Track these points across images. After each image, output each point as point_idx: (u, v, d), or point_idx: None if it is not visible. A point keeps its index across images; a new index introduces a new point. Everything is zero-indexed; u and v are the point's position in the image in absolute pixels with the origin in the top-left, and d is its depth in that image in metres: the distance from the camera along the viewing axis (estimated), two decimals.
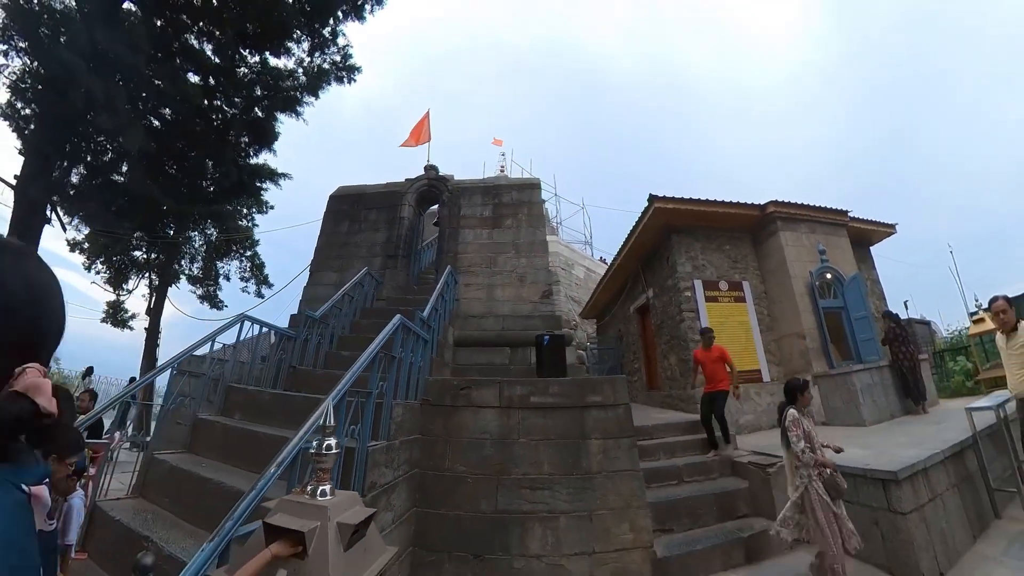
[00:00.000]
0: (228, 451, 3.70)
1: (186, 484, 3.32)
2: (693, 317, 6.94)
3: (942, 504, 3.77)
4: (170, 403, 4.21)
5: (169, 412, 4.24)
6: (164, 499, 3.39)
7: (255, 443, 3.52)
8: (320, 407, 2.47)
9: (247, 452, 3.48)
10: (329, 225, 8.33)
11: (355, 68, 10.47)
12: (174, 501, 3.32)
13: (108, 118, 7.85)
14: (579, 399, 4.29)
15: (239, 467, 3.44)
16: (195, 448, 4.00)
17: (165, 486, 3.49)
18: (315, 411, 3.11)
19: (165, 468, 3.57)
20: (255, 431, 3.71)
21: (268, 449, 2.92)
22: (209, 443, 3.94)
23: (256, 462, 3.00)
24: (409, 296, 7.12)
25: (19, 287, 0.58)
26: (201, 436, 4.05)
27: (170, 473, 3.51)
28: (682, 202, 7.27)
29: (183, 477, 3.39)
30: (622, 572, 3.73)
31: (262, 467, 2.74)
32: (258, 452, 3.20)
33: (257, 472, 2.69)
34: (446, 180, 8.20)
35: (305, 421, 2.47)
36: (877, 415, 5.76)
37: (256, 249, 14.87)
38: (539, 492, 3.93)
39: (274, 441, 3.07)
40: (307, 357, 5.51)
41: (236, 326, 4.72)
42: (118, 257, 12.82)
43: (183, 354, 4.19)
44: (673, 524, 4.29)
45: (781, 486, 4.38)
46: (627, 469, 4.10)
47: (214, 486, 3.11)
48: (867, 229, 8.27)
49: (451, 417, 4.21)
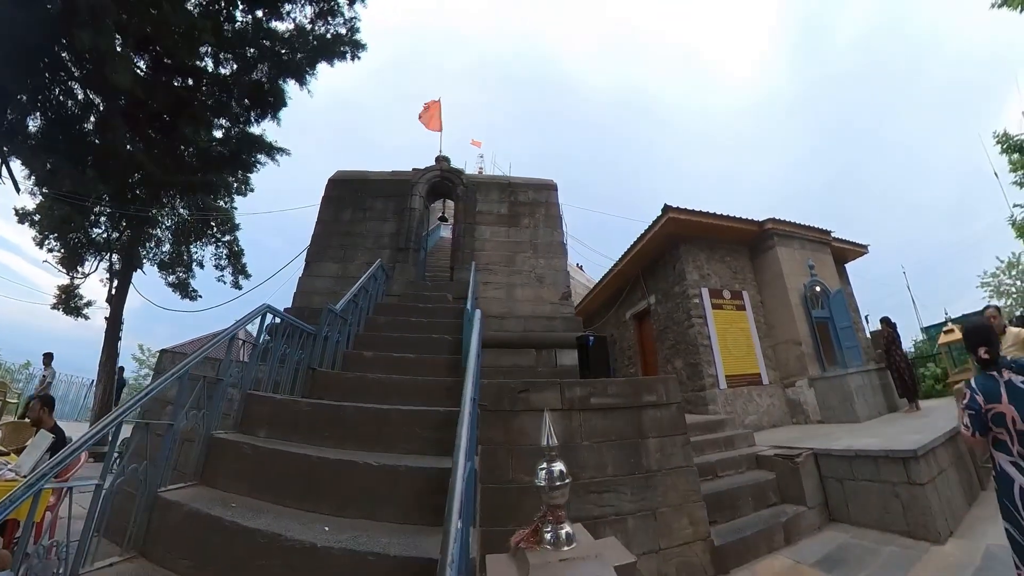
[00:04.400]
0: (263, 483, 2.64)
1: (216, 537, 2.13)
2: (702, 323, 7.28)
3: (946, 477, 4.44)
4: (180, 421, 2.86)
5: (177, 431, 2.79)
6: (182, 561, 2.16)
7: (306, 471, 2.61)
8: (460, 422, 1.97)
9: (293, 484, 2.56)
10: (329, 212, 7.79)
11: (360, 44, 9.68)
12: (199, 566, 2.11)
13: (91, 36, 6.39)
14: (635, 399, 4.33)
15: (286, 505, 2.45)
16: (211, 479, 2.84)
17: (181, 540, 2.24)
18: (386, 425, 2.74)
19: (179, 513, 2.32)
20: (305, 455, 2.71)
21: (326, 478, 2.48)
22: (232, 472, 2.82)
23: (309, 497, 2.42)
24: (425, 293, 6.84)
25: None
26: (219, 462, 2.92)
27: (187, 521, 2.27)
28: (692, 213, 7.62)
29: (208, 526, 2.18)
30: (686, 565, 3.83)
31: (321, 505, 2.35)
32: (312, 483, 2.51)
33: (318, 512, 2.29)
34: (460, 173, 7.99)
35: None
36: (868, 412, 6.43)
37: (236, 234, 13.22)
38: (606, 495, 3.92)
39: (334, 467, 2.51)
40: (325, 358, 4.84)
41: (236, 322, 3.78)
42: (74, 234, 11.01)
43: (199, 354, 3.07)
44: (717, 515, 4.47)
45: (808, 473, 4.83)
46: (683, 465, 4.20)
47: (267, 541, 2.00)
48: (844, 248, 9.17)
49: (511, 423, 4.03)
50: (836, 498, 4.74)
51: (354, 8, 9.16)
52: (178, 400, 2.89)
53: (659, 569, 3.75)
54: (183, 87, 8.74)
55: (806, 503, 4.71)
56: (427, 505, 2.50)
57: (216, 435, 3.08)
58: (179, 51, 7.27)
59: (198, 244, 13.20)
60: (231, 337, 3.50)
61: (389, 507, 2.44)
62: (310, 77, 9.36)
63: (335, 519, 2.26)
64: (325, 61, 9.31)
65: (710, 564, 3.85)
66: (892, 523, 4.19)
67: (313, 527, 2.11)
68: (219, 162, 10.21)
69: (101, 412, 10.37)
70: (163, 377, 2.90)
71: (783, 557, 4.11)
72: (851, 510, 4.58)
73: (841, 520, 4.68)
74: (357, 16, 9.29)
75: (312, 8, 8.95)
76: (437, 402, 3.85)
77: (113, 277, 11.72)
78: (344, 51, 9.37)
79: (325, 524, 2.16)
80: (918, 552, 3.79)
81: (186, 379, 2.88)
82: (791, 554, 4.15)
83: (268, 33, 8.83)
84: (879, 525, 4.32)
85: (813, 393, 6.84)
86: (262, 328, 4.23)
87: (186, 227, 12.62)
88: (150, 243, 12.69)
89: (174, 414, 2.83)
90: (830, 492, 4.80)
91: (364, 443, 3.05)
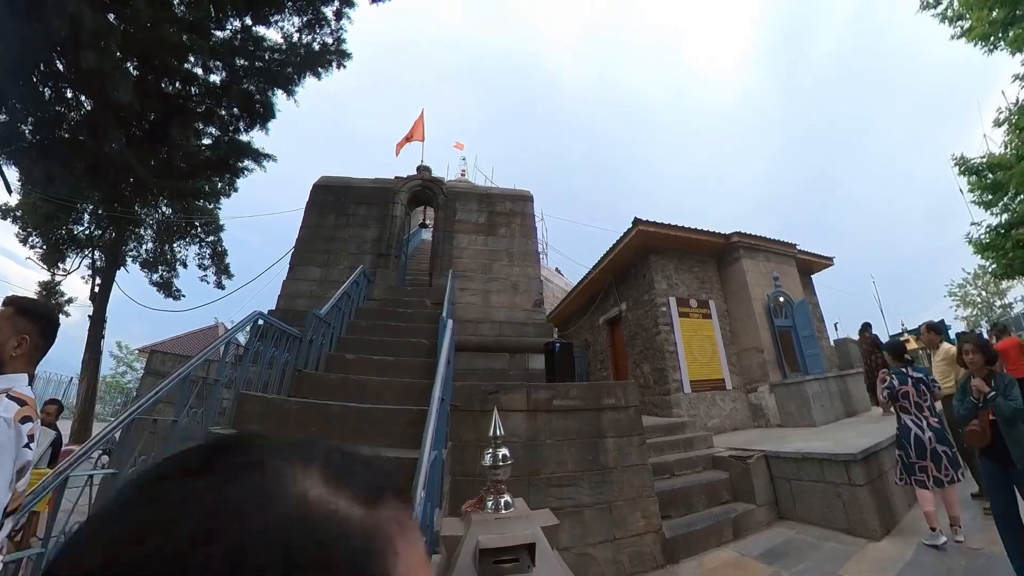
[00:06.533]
0: None
1: None
2: (668, 330, 7.63)
3: (886, 479, 4.71)
4: (182, 417, 3.13)
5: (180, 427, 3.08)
6: None
7: None
8: (428, 418, 2.44)
9: None
10: (313, 217, 7.98)
11: (346, 54, 9.87)
12: None
13: (96, 58, 6.62)
14: (595, 402, 4.64)
15: None
16: None
17: None
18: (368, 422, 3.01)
19: None
20: None
21: None
22: None
23: None
24: (404, 298, 7.08)
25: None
26: None
27: None
28: (661, 226, 7.99)
29: None
30: (638, 554, 4.13)
31: None
32: None
33: None
34: (440, 182, 8.26)
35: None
36: (824, 417, 6.81)
37: (220, 235, 13.27)
38: (566, 488, 4.20)
39: None
40: (310, 360, 5.19)
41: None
42: (57, 232, 11.01)
43: (201, 356, 3.45)
44: (671, 511, 4.78)
45: (759, 473, 5.15)
46: (638, 463, 4.51)
47: None
48: (809, 260, 9.65)
49: (480, 422, 4.29)
50: (785, 497, 5.04)
51: (340, 21, 9.38)
52: (180, 399, 3.15)
53: (614, 557, 4.05)
54: (174, 92, 8.86)
55: (756, 501, 5.03)
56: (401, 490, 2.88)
57: (213, 431, 3.41)
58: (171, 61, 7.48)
59: (182, 243, 13.24)
60: (228, 341, 3.78)
61: None
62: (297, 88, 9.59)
63: None
64: (312, 74, 9.53)
65: (660, 554, 4.15)
66: (834, 521, 4.52)
67: None
68: (208, 168, 10.33)
69: (84, 410, 10.33)
70: (170, 378, 3.17)
71: (729, 550, 4.40)
72: (798, 508, 4.87)
73: (789, 518, 4.99)
74: (343, 27, 9.53)
75: (299, 19, 9.16)
76: (413, 401, 4.18)
77: (96, 275, 11.68)
78: (330, 60, 9.58)
79: None
80: (855, 547, 4.10)
81: (187, 380, 3.18)
82: (737, 548, 4.44)
83: (256, 43, 9.02)
84: (822, 523, 4.63)
85: (774, 398, 7.22)
86: (255, 333, 4.53)
87: (170, 227, 12.66)
88: (134, 241, 12.69)
89: (177, 412, 3.10)
90: (779, 491, 5.10)
91: (348, 438, 3.45)
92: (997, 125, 9.05)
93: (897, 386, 3.97)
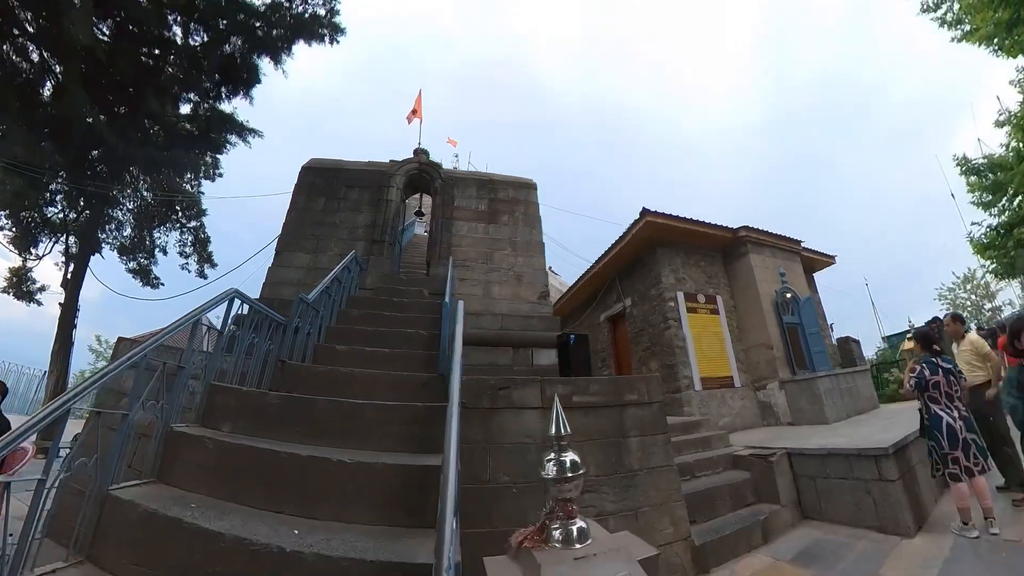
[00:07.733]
0: (227, 482, 2.42)
1: (174, 540, 1.93)
2: (677, 326, 7.34)
3: (914, 474, 4.56)
4: (136, 412, 2.52)
5: (131, 423, 2.48)
6: (135, 567, 1.94)
7: (273, 469, 2.42)
8: (449, 417, 2.09)
9: (259, 483, 2.36)
10: (302, 200, 7.42)
11: (339, 28, 9.24)
12: (154, 573, 1.91)
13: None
14: (617, 397, 4.24)
15: (253, 506, 2.24)
16: (168, 476, 2.59)
17: (134, 543, 2.01)
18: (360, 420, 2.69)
19: (133, 514, 2.09)
20: (273, 451, 2.51)
21: (295, 476, 2.32)
22: (192, 469, 2.57)
23: (278, 498, 2.25)
24: (400, 287, 6.60)
25: None
26: (178, 458, 2.66)
27: (142, 523, 2.05)
28: (669, 218, 7.71)
29: (164, 527, 1.98)
30: (666, 564, 3.74)
31: (290, 505, 2.19)
32: (280, 482, 2.33)
33: (284, 513, 2.13)
34: (438, 166, 7.80)
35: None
36: (836, 415, 6.61)
37: (203, 219, 12.30)
38: (587, 495, 3.76)
39: (305, 464, 2.36)
40: (296, 350, 4.60)
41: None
42: (27, 212, 10.03)
43: (159, 337, 2.80)
44: (696, 515, 4.42)
45: (782, 472, 4.87)
46: (664, 465, 4.14)
47: (230, 545, 1.83)
48: (813, 258, 9.52)
49: (490, 421, 3.83)
50: (809, 496, 4.80)
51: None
52: (134, 389, 2.58)
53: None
54: (150, 56, 8.10)
55: (780, 501, 4.75)
56: (402, 505, 2.35)
57: (176, 428, 2.82)
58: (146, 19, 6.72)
59: (162, 229, 12.29)
60: (194, 322, 3.21)
61: (361, 507, 2.27)
62: (286, 56, 8.94)
63: (305, 520, 2.08)
64: (303, 40, 8.87)
65: (691, 564, 3.78)
66: (863, 519, 4.30)
67: (281, 529, 1.94)
68: (187, 139, 9.52)
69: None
70: (117, 362, 2.60)
71: (761, 555, 4.10)
72: (823, 507, 4.64)
73: (813, 517, 4.75)
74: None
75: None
76: (412, 397, 3.73)
77: (69, 260, 10.77)
78: (323, 33, 8.98)
79: (294, 526, 1.99)
80: (889, 546, 3.89)
81: (143, 366, 2.60)
82: (769, 552, 4.15)
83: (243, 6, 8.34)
84: (850, 521, 4.41)
85: (784, 395, 6.99)
86: (228, 315, 3.89)
87: (149, 210, 11.73)
88: (110, 226, 11.74)
89: (130, 405, 2.53)
90: (803, 490, 4.86)
91: (336, 439, 2.87)
92: (999, 126, 9.11)
93: (928, 376, 3.95)
